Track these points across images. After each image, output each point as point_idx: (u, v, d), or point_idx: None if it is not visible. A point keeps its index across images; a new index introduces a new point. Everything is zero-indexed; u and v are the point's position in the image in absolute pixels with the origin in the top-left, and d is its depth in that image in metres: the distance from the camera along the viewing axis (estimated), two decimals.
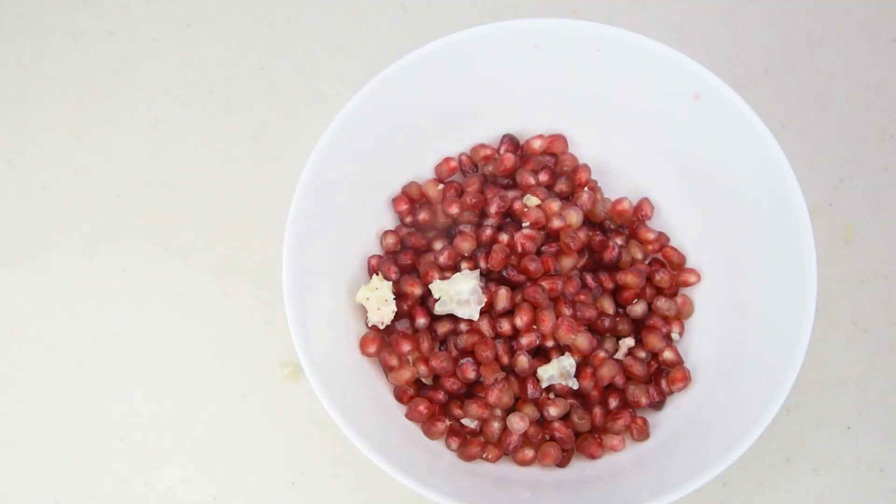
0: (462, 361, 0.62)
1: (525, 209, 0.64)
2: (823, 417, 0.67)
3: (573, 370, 0.62)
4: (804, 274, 0.59)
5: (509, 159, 0.66)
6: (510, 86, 0.66)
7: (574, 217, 0.64)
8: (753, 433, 0.56)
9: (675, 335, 0.65)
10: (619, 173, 0.68)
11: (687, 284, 0.66)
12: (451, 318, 0.64)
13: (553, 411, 0.61)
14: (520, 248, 0.63)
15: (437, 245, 0.66)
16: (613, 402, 0.63)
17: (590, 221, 0.66)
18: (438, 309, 0.63)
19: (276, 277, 0.60)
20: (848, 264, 0.70)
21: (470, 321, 0.63)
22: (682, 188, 0.67)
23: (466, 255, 0.64)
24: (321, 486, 0.66)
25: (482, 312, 0.62)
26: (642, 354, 0.65)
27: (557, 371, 0.62)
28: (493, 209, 0.65)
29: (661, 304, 0.65)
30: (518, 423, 0.61)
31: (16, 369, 0.69)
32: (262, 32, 0.75)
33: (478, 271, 0.63)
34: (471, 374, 0.62)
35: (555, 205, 0.64)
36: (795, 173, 0.60)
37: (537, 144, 0.67)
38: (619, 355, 0.65)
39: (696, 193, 0.66)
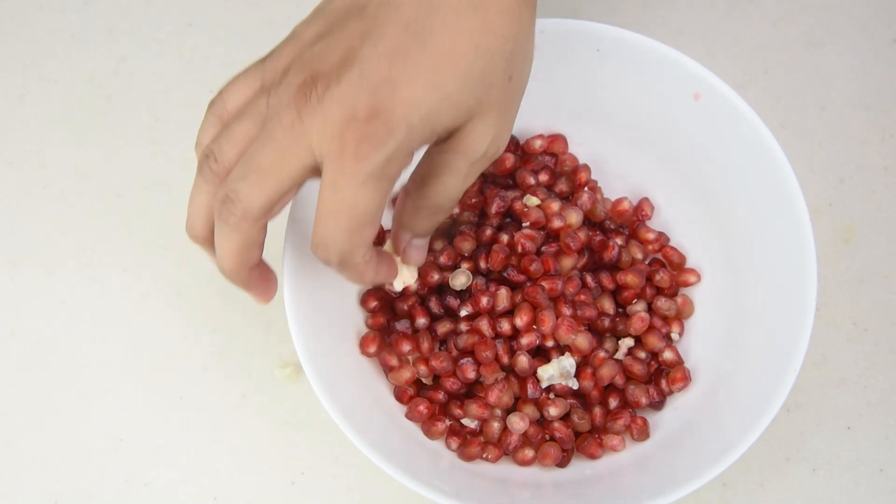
0: (462, 361, 0.62)
1: (525, 209, 0.64)
2: (823, 417, 0.67)
3: (573, 370, 0.62)
4: (804, 274, 0.59)
5: (509, 159, 0.66)
6: None
7: (574, 217, 0.64)
8: (753, 433, 0.56)
9: (674, 335, 0.65)
10: (619, 173, 0.68)
11: (687, 284, 0.66)
12: (452, 318, 0.64)
13: (553, 411, 0.62)
14: (520, 248, 0.63)
15: (438, 245, 0.66)
16: (613, 402, 0.63)
17: (590, 221, 0.66)
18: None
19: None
20: (848, 264, 0.70)
21: (470, 321, 0.63)
22: (682, 188, 0.67)
23: (466, 255, 0.64)
24: (321, 486, 0.66)
25: (483, 312, 0.62)
26: (642, 354, 0.65)
27: (557, 371, 0.62)
28: (493, 209, 0.65)
29: (661, 304, 0.65)
30: (518, 423, 0.61)
31: (16, 369, 0.69)
32: (262, 32, 0.75)
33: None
34: (471, 374, 0.62)
35: (555, 205, 0.64)
36: (795, 173, 0.60)
37: (537, 144, 0.67)
38: (618, 355, 0.65)
39: (695, 193, 0.66)
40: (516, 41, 0.49)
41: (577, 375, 0.63)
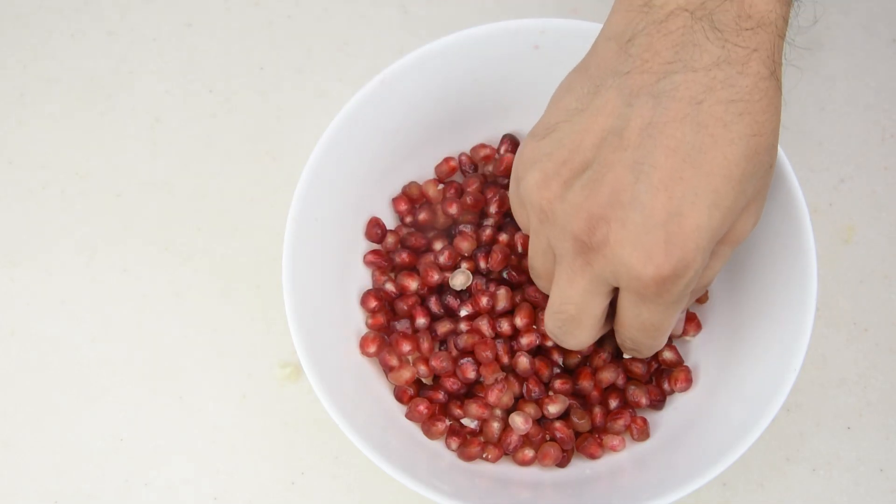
0: (462, 361, 0.62)
1: None
2: (823, 417, 0.67)
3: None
4: (804, 274, 0.59)
5: (509, 159, 0.66)
6: (510, 86, 0.66)
7: None
8: (753, 433, 0.56)
9: (689, 338, 0.65)
10: None
11: None
12: (452, 318, 0.64)
13: (552, 409, 0.61)
14: (520, 248, 0.63)
15: (437, 245, 0.66)
16: (613, 402, 0.63)
17: None
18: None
19: (276, 277, 0.60)
20: (848, 264, 0.70)
21: (470, 321, 0.63)
22: None
23: (466, 255, 0.64)
24: (321, 486, 0.66)
25: (483, 312, 0.62)
26: None
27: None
28: (493, 209, 0.65)
29: None
30: (521, 424, 0.61)
31: (16, 369, 0.69)
32: (262, 32, 0.75)
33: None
34: (471, 374, 0.62)
35: None
36: (795, 173, 0.60)
37: None
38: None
39: None
40: (776, 132, 0.49)
41: (577, 376, 0.63)
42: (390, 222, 0.68)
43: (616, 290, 0.51)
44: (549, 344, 0.62)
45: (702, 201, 0.46)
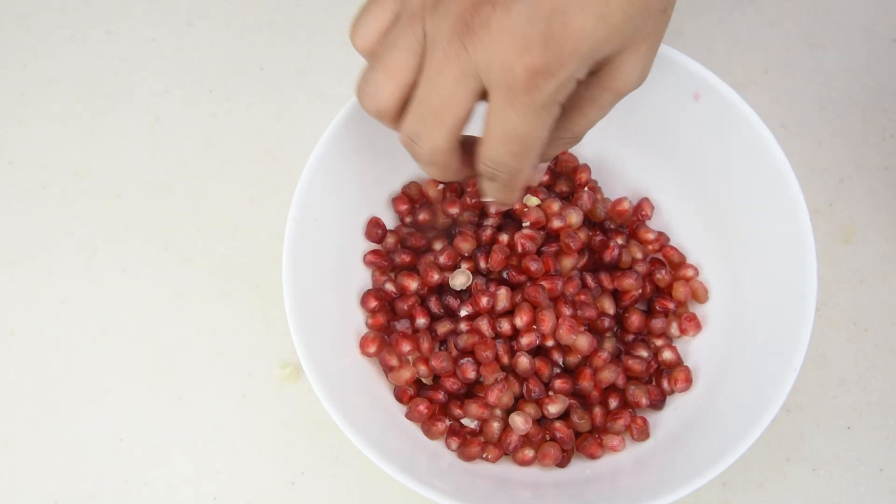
0: (462, 361, 0.62)
1: (525, 209, 0.64)
2: (823, 417, 0.67)
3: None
4: (804, 274, 0.59)
5: None
6: None
7: (574, 217, 0.64)
8: (753, 433, 0.56)
9: (688, 336, 0.65)
10: (619, 173, 0.68)
11: (686, 279, 0.66)
12: (452, 318, 0.64)
13: (552, 409, 0.61)
14: (520, 249, 0.63)
15: (437, 245, 0.66)
16: (613, 402, 0.63)
17: (590, 221, 0.66)
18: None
19: (276, 277, 0.60)
20: (848, 264, 0.70)
21: (470, 321, 0.63)
22: (682, 188, 0.67)
23: (466, 255, 0.64)
24: (321, 486, 0.66)
25: (482, 312, 0.62)
26: (643, 354, 0.65)
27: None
28: (493, 209, 0.65)
29: (662, 275, 0.65)
30: (521, 424, 0.61)
31: (16, 369, 0.69)
32: (262, 32, 0.75)
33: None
34: (471, 374, 0.62)
35: (555, 205, 0.64)
36: (795, 173, 0.60)
37: None
38: None
39: (695, 193, 0.66)
40: None
41: (577, 376, 0.63)
42: (390, 222, 0.68)
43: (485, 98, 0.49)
44: (549, 344, 0.62)
45: (590, 8, 0.45)
